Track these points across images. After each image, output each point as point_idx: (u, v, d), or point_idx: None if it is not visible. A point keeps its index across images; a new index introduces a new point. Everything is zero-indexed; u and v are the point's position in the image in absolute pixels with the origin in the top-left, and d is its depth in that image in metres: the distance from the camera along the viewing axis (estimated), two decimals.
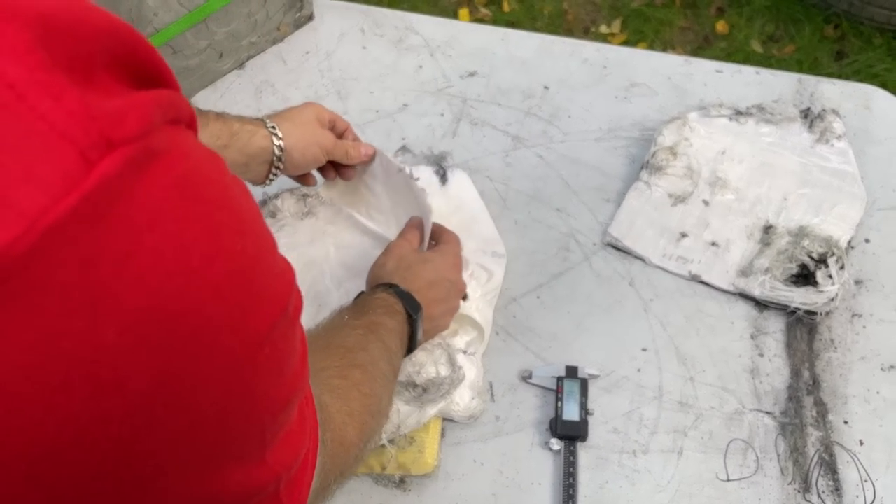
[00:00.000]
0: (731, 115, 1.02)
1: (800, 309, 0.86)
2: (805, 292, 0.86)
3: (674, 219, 0.95)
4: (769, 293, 0.87)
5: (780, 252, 0.89)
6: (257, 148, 0.79)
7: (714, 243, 0.92)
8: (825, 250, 0.88)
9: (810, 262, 0.88)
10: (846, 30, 2.26)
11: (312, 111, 0.86)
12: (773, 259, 0.88)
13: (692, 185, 0.96)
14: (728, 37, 2.31)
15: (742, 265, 0.90)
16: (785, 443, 0.81)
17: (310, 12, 1.18)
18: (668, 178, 0.96)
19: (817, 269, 0.87)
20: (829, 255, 0.88)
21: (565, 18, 2.38)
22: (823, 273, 0.86)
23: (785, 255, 0.88)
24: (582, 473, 0.79)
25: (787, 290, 0.86)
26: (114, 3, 0.92)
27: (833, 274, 0.86)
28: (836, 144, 0.99)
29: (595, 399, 0.83)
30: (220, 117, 0.77)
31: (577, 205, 0.98)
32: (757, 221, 0.93)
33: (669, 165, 0.96)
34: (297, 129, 0.83)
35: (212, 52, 1.08)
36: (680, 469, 0.79)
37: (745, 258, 0.90)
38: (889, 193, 0.99)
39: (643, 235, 0.93)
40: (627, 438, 0.81)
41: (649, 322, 0.89)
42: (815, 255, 0.88)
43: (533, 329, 0.89)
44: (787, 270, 0.87)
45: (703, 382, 0.85)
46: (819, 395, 0.84)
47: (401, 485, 0.79)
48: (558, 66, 1.13)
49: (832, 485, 0.78)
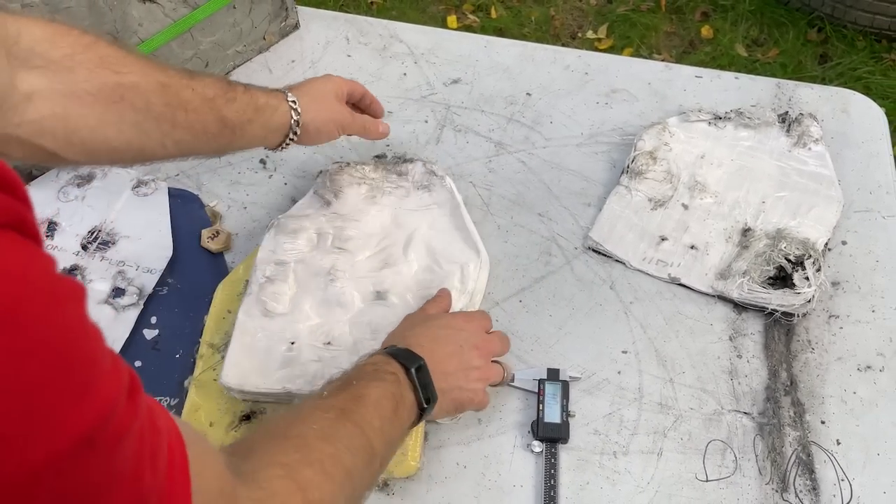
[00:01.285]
0: (711, 119, 1.04)
1: (777, 311, 0.87)
2: (782, 294, 0.87)
3: (653, 223, 0.96)
4: (747, 295, 0.88)
5: (758, 255, 0.90)
6: (278, 124, 0.83)
7: (693, 246, 0.93)
8: (802, 252, 0.89)
9: (787, 264, 0.89)
10: (829, 33, 2.29)
11: (332, 85, 0.90)
12: (750, 262, 0.90)
13: (671, 188, 0.97)
14: (713, 41, 2.33)
15: (720, 268, 0.91)
16: (763, 443, 0.82)
17: (295, 21, 1.19)
18: (647, 183, 0.98)
19: (794, 272, 0.88)
20: (806, 257, 0.89)
21: (552, 24, 2.40)
22: (800, 275, 0.88)
23: (762, 257, 0.90)
24: (563, 475, 0.80)
25: (765, 293, 0.87)
26: (98, 16, 0.93)
27: (810, 276, 0.87)
28: (814, 148, 1.01)
29: (576, 401, 0.85)
30: (248, 91, 0.80)
31: (558, 209, 1.00)
32: (735, 224, 0.95)
33: (649, 170, 0.98)
34: (314, 103, 0.86)
35: (197, 62, 1.09)
36: (660, 470, 0.80)
37: (724, 261, 0.92)
38: (865, 196, 1.00)
39: (623, 239, 0.94)
40: (608, 440, 0.82)
41: (629, 325, 0.90)
42: (792, 258, 0.89)
43: (515, 332, 0.90)
44: (764, 273, 0.89)
45: (682, 384, 0.86)
46: (796, 395, 0.85)
47: (384, 488, 0.80)
48: (540, 73, 1.14)
49: (809, 484, 0.80)
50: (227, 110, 0.77)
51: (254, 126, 0.80)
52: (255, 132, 0.81)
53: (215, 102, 0.76)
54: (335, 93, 0.89)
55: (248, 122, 0.79)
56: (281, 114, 0.83)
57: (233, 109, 0.77)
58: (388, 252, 0.91)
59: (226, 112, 0.77)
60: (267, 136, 0.83)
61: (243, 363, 0.82)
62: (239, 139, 0.80)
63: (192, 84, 0.74)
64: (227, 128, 0.77)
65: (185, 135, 0.74)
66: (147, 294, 0.92)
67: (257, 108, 0.80)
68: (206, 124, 0.75)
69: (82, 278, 0.93)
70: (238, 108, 0.78)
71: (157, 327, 0.90)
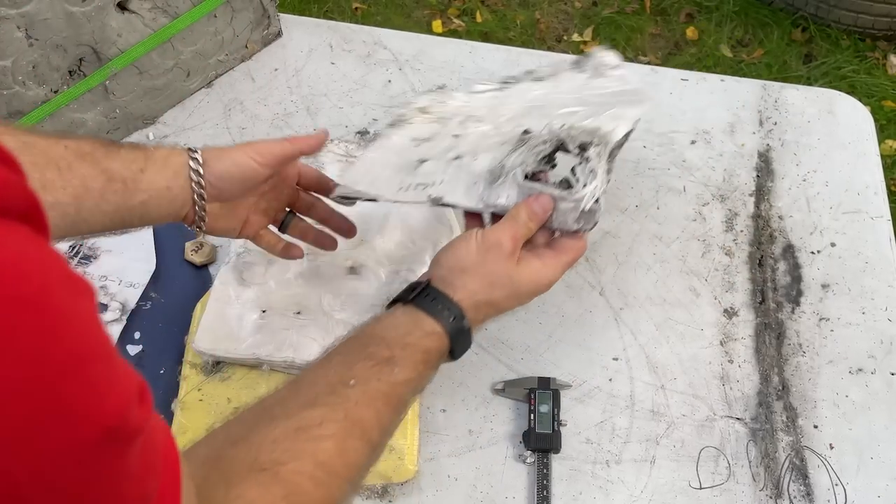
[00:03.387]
0: (498, 87, 0.83)
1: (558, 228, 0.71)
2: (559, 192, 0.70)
3: (415, 154, 0.77)
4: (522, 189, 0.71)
5: (536, 145, 0.72)
6: (174, 166, 0.70)
7: (458, 157, 0.75)
8: (590, 139, 0.71)
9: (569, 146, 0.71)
10: (814, 33, 2.30)
11: None
12: (526, 154, 0.72)
13: (440, 126, 0.78)
14: (698, 42, 2.34)
15: (492, 168, 0.74)
16: (756, 449, 0.81)
17: (277, 29, 1.18)
18: (413, 126, 0.79)
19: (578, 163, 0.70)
20: (592, 143, 0.71)
21: (538, 28, 2.40)
22: (583, 168, 0.70)
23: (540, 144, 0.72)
24: (556, 485, 0.79)
25: (539, 185, 0.70)
26: (76, 27, 0.92)
27: (595, 167, 0.69)
28: (614, 74, 0.82)
29: (567, 410, 0.84)
30: (135, 145, 0.71)
31: None
32: (513, 135, 0.76)
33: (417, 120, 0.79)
34: (220, 148, 0.74)
35: (179, 72, 1.08)
36: (653, 478, 0.80)
37: (495, 160, 0.74)
38: (853, 197, 1.00)
39: (379, 177, 0.76)
40: (600, 449, 0.82)
41: (620, 331, 0.89)
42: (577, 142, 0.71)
43: (505, 341, 0.89)
44: (539, 154, 0.71)
45: (674, 390, 0.85)
46: (789, 399, 0.85)
47: (384, 495, 0.79)
48: None
49: (804, 489, 0.79)
50: (111, 163, 0.66)
51: (148, 175, 0.68)
52: (153, 181, 0.68)
53: (94, 156, 0.66)
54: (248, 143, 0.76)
55: (141, 172, 0.67)
56: (176, 154, 0.71)
57: (118, 161, 0.67)
58: (365, 228, 0.89)
59: (109, 164, 0.66)
60: (171, 188, 0.69)
61: (216, 329, 0.84)
62: (134, 193, 0.67)
63: (63, 142, 0.65)
64: (116, 181, 0.66)
65: (63, 196, 0.63)
66: (130, 309, 0.90)
67: (147, 156, 0.69)
68: (87, 179, 0.64)
69: None
70: (124, 159, 0.67)
71: (140, 343, 0.89)
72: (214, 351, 0.83)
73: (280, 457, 0.52)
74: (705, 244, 0.96)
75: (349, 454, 0.55)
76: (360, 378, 0.58)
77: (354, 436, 0.56)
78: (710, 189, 1.01)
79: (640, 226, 0.98)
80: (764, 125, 1.07)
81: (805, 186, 1.01)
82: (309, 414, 0.55)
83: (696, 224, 0.98)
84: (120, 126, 1.05)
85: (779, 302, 0.91)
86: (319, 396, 0.57)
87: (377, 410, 0.58)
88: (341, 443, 0.55)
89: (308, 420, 0.55)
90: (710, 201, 1.00)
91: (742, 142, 1.05)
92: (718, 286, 0.93)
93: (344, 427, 0.55)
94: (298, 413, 0.55)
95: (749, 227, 0.98)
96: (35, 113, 0.94)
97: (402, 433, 0.81)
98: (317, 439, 0.54)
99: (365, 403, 0.57)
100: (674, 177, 1.02)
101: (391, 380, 0.59)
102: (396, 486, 0.79)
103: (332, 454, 0.54)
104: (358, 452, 0.56)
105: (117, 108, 1.03)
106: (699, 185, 1.01)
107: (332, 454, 0.54)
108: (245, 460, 0.52)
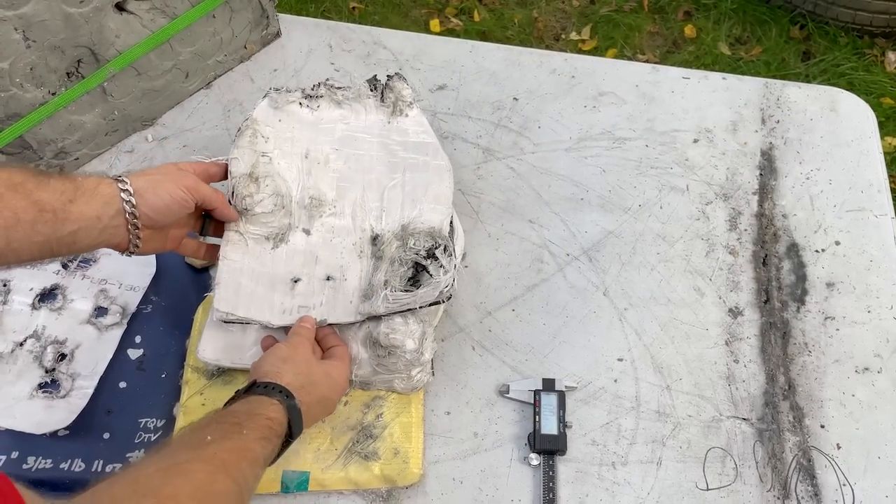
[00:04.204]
0: (301, 98, 0.91)
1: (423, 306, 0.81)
2: (424, 291, 0.80)
3: (280, 264, 0.84)
4: (392, 305, 0.80)
5: (392, 261, 0.83)
6: (104, 196, 0.70)
7: (329, 277, 0.84)
8: (431, 244, 0.83)
9: (422, 259, 0.82)
10: (812, 30, 2.29)
11: (169, 163, 0.80)
12: (388, 272, 0.82)
13: (286, 214, 0.85)
14: (696, 40, 2.33)
15: (362, 288, 0.84)
16: (763, 449, 0.81)
17: (276, 29, 1.17)
18: (258, 220, 0.83)
19: (430, 264, 0.82)
20: (435, 246, 0.83)
21: (536, 27, 2.39)
22: (435, 266, 0.81)
23: (397, 261, 0.83)
24: (562, 488, 0.79)
25: (408, 296, 0.80)
26: (74, 28, 0.91)
27: (443, 263, 0.82)
28: (410, 114, 0.92)
29: (573, 411, 0.83)
30: (65, 176, 0.70)
31: (549, 216, 0.98)
32: (363, 235, 0.87)
33: (256, 201, 0.83)
34: (146, 174, 0.75)
35: (177, 73, 1.07)
36: (659, 480, 0.79)
37: (364, 279, 0.84)
38: (857, 195, 1.00)
39: (254, 296, 0.81)
40: (606, 450, 0.81)
41: (624, 332, 0.89)
42: (424, 252, 0.82)
43: (509, 343, 0.88)
44: (403, 276, 0.81)
45: (679, 391, 0.84)
46: (795, 399, 0.84)
47: (389, 499, 0.79)
48: (527, 77, 1.13)
49: (811, 490, 0.78)
50: (41, 193, 0.67)
51: (78, 205, 0.68)
52: (83, 211, 0.69)
53: (25, 186, 0.66)
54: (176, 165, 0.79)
55: (70, 203, 0.68)
56: (105, 185, 0.71)
57: (48, 191, 0.67)
58: None
59: (40, 195, 0.66)
60: (101, 218, 0.70)
61: (219, 338, 0.83)
62: (64, 224, 0.67)
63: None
64: (47, 212, 0.66)
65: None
66: (130, 313, 0.90)
67: (76, 186, 0.69)
68: (18, 211, 0.65)
69: (63, 298, 0.91)
70: (55, 189, 0.68)
71: (141, 346, 0.88)
72: (219, 361, 0.82)
73: (158, 484, 0.56)
74: (709, 243, 0.96)
75: (219, 485, 0.59)
76: (216, 436, 0.63)
77: (221, 472, 0.60)
78: (713, 188, 1.00)
79: (644, 225, 0.97)
80: (766, 123, 1.07)
81: (808, 184, 1.01)
82: (177, 456, 0.60)
83: (699, 223, 0.97)
84: (118, 128, 1.04)
85: (784, 301, 0.91)
86: (181, 449, 0.62)
87: (237, 458, 0.62)
88: (211, 475, 0.59)
89: (177, 460, 0.60)
90: (713, 200, 0.99)
91: (745, 140, 1.05)
92: (723, 286, 0.92)
93: (211, 465, 0.60)
94: (167, 457, 0.60)
95: (753, 226, 0.97)
96: (33, 115, 0.93)
97: (406, 437, 0.80)
98: (188, 472, 0.58)
99: (225, 451, 0.62)
100: (676, 176, 1.01)
101: (242, 437, 0.64)
102: (402, 490, 0.79)
103: (204, 482, 0.58)
104: (226, 486, 0.59)
105: (116, 110, 1.02)
106: (702, 183, 1.01)
107: (205, 482, 0.58)
108: (124, 494, 0.55)
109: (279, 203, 0.84)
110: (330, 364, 0.79)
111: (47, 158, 0.98)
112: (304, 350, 0.77)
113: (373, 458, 0.79)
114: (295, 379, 0.73)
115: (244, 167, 0.83)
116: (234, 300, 0.80)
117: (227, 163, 0.83)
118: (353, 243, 0.86)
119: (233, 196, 0.82)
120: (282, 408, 0.69)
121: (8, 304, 0.90)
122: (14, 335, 0.88)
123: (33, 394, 0.84)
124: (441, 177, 0.89)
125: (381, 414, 0.82)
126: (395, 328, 0.80)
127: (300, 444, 0.80)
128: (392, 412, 0.82)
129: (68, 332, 0.88)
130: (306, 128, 0.89)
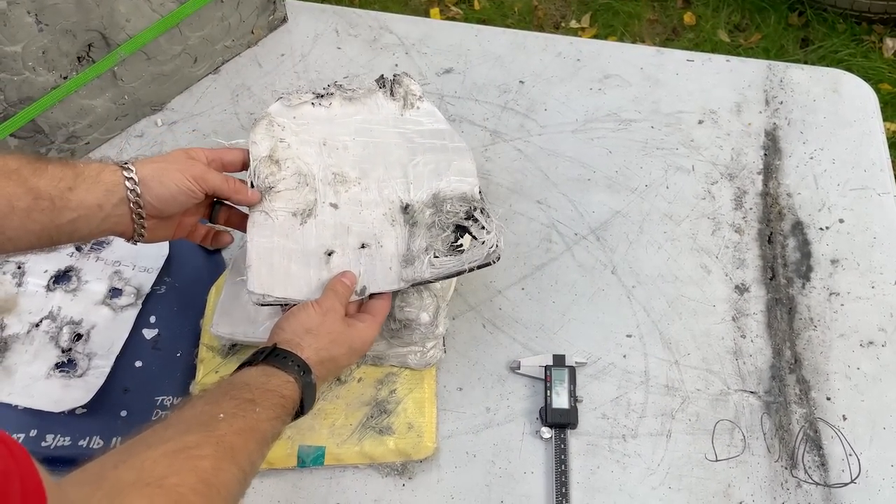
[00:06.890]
0: (313, 99, 0.90)
1: (474, 268, 0.80)
2: (472, 252, 0.79)
3: (310, 239, 0.81)
4: (439, 270, 0.79)
5: (430, 227, 0.82)
6: (107, 183, 0.69)
7: (364, 245, 0.82)
8: (467, 206, 0.82)
9: (462, 221, 0.81)
10: (810, 17, 2.31)
11: (179, 149, 0.77)
12: (428, 237, 0.81)
13: (312, 191, 0.84)
14: (695, 28, 2.34)
15: (402, 254, 0.82)
16: (770, 421, 0.82)
17: (283, 14, 1.18)
18: (283, 196, 0.82)
19: (471, 226, 0.81)
20: (473, 209, 0.82)
21: (535, 14, 2.40)
22: (477, 227, 0.81)
23: (436, 227, 0.81)
24: (573, 460, 0.80)
25: (455, 259, 0.79)
26: (85, 12, 0.91)
27: (484, 224, 0.81)
28: (422, 107, 0.91)
29: (583, 386, 0.84)
30: (64, 162, 0.69)
31: (557, 196, 0.99)
32: (392, 206, 0.85)
33: (278, 180, 0.82)
34: (154, 161, 0.73)
35: (186, 57, 1.08)
36: (669, 451, 0.80)
37: (401, 246, 0.82)
38: (860, 174, 1.01)
39: (289, 274, 0.79)
40: (616, 423, 0.82)
41: (633, 308, 0.90)
42: (463, 214, 0.82)
43: (519, 320, 0.89)
44: (445, 241, 0.80)
45: (687, 366, 0.86)
46: (801, 373, 0.85)
47: (403, 472, 0.80)
48: (532, 61, 1.14)
49: (818, 460, 0.80)
50: (38, 180, 0.66)
51: (77, 193, 0.67)
52: (83, 199, 0.67)
53: (20, 173, 0.65)
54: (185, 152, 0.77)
55: (70, 190, 0.67)
56: (108, 172, 0.69)
57: (45, 178, 0.66)
58: None
59: (36, 182, 0.65)
60: (103, 206, 0.69)
61: (233, 312, 0.84)
62: (62, 212, 0.67)
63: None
64: (43, 199, 0.65)
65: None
66: (145, 294, 0.91)
67: (77, 174, 0.68)
68: (12, 199, 0.64)
69: (77, 280, 0.92)
70: (52, 177, 0.66)
71: (156, 327, 0.89)
72: (233, 335, 0.84)
73: (163, 472, 0.54)
74: (715, 222, 0.97)
75: (224, 474, 0.57)
76: (228, 413, 0.61)
77: (227, 459, 0.58)
78: (718, 168, 1.02)
79: (651, 205, 0.98)
80: (770, 104, 1.08)
81: (812, 164, 1.02)
82: (185, 438, 0.58)
83: (705, 202, 0.99)
84: (128, 112, 1.05)
85: (789, 278, 0.92)
86: (193, 427, 0.60)
87: (245, 441, 0.61)
88: (217, 463, 0.57)
89: (185, 443, 0.57)
90: (718, 180, 1.01)
91: (749, 121, 1.06)
92: (729, 263, 0.93)
93: (218, 450, 0.58)
94: (175, 438, 0.58)
95: (758, 205, 0.98)
96: (45, 99, 0.94)
97: (420, 411, 0.81)
98: (195, 458, 0.56)
99: (234, 433, 0.60)
100: (682, 156, 1.03)
101: (255, 416, 0.63)
102: (416, 464, 0.80)
103: (210, 472, 0.56)
104: (232, 474, 0.58)
105: (126, 94, 1.03)
106: (707, 164, 1.02)
107: (210, 472, 0.56)
108: (128, 478, 0.53)
109: (302, 181, 0.83)
110: (356, 330, 0.75)
111: (59, 142, 0.99)
112: (333, 319, 0.74)
113: (387, 433, 0.80)
114: (315, 354, 0.71)
115: (264, 150, 0.82)
116: (268, 281, 0.77)
117: (242, 148, 0.82)
118: (382, 214, 0.84)
119: (255, 176, 0.81)
120: (296, 386, 0.68)
121: (23, 286, 0.91)
122: (30, 316, 0.89)
123: (50, 373, 0.85)
124: (462, 155, 0.87)
125: (394, 390, 0.83)
126: (409, 301, 0.80)
127: (315, 419, 0.81)
128: (405, 388, 0.83)
129: (83, 313, 0.89)
130: (321, 122, 0.88)
